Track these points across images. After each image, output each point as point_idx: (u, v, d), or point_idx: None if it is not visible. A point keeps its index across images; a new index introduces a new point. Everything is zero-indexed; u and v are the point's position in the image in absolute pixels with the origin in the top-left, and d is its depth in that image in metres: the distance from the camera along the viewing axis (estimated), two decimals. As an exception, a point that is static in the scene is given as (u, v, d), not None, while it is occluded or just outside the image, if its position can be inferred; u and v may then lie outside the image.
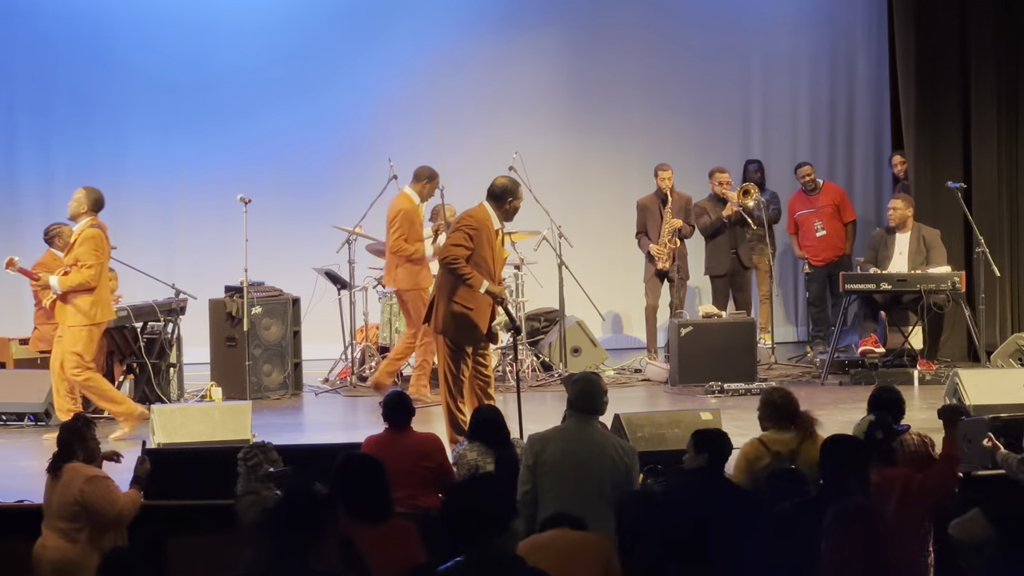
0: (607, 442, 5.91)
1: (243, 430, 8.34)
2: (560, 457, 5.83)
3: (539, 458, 5.87)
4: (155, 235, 13.17)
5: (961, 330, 11.77)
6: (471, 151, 13.34)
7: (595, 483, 5.77)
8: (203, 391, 10.67)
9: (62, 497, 6.33)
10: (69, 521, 6.31)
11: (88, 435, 6.50)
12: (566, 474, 5.77)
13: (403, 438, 6.86)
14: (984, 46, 12.20)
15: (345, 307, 11.75)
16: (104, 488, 6.36)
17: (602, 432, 6.02)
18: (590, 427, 5.94)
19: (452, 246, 8.17)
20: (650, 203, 12.06)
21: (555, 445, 5.89)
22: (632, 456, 5.91)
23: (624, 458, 5.85)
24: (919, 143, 12.31)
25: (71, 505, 6.30)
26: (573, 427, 5.95)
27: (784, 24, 14.21)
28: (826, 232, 12.70)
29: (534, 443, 5.96)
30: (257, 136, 13.47)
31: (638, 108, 14.01)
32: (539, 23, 13.93)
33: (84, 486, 6.30)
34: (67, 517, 6.32)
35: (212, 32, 13.41)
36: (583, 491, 5.74)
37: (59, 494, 6.35)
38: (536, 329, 12.24)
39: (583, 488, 5.75)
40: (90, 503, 6.28)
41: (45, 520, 6.42)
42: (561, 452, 5.85)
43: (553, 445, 5.89)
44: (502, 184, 8.38)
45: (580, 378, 6.17)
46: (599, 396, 6.02)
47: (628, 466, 5.84)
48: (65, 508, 6.32)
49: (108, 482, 6.43)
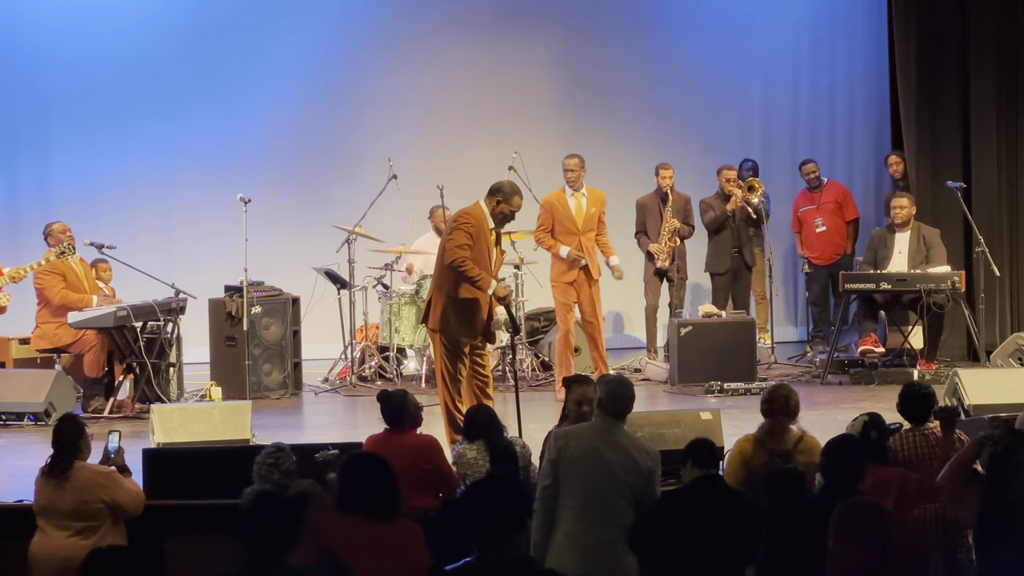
0: (631, 444, 5.90)
1: (243, 430, 8.34)
2: (583, 454, 5.82)
3: (562, 453, 5.85)
4: (155, 235, 13.16)
5: (961, 330, 11.77)
6: (471, 151, 13.33)
7: (616, 483, 5.76)
8: (203, 391, 10.67)
9: (79, 496, 6.39)
10: (86, 520, 6.38)
11: (86, 434, 6.59)
12: (588, 471, 5.76)
13: (401, 438, 6.86)
14: (984, 45, 12.19)
15: (345, 307, 11.75)
16: (123, 483, 6.53)
17: (627, 434, 6.00)
18: (616, 428, 5.93)
19: (456, 248, 8.14)
20: (650, 202, 12.06)
21: (580, 441, 5.88)
22: (655, 460, 5.90)
23: (647, 461, 5.84)
24: (919, 142, 12.31)
25: (93, 503, 6.38)
26: (599, 426, 5.94)
27: (784, 24, 14.21)
28: (826, 228, 12.70)
29: (559, 438, 5.94)
30: (257, 135, 13.47)
31: (638, 108, 14.01)
32: (539, 23, 13.93)
33: (105, 483, 6.43)
34: (85, 516, 6.39)
35: (212, 30, 13.40)
36: (604, 490, 5.73)
37: (73, 493, 6.40)
38: (536, 329, 12.23)
39: (604, 487, 5.73)
40: (117, 499, 6.43)
41: (48, 520, 6.44)
42: (585, 449, 5.83)
43: (577, 441, 5.88)
44: (498, 185, 8.39)
45: (612, 379, 6.16)
46: (628, 399, 6.01)
47: (651, 469, 5.83)
48: (84, 506, 6.39)
49: (120, 477, 6.57)
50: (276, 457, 6.47)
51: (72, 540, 6.35)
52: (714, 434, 7.55)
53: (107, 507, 6.42)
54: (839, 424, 7.35)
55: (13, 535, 6.79)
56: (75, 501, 6.39)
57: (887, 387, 10.63)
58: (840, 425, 7.11)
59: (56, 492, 6.43)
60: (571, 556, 5.62)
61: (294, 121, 13.58)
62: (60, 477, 6.42)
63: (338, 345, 11.87)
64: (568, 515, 5.74)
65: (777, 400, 6.61)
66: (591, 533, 5.72)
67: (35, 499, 6.58)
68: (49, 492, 6.46)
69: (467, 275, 8.10)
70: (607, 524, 5.72)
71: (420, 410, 7.04)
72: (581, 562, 5.62)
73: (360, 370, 11.47)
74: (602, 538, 5.71)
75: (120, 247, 10.81)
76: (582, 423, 6.22)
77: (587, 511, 5.74)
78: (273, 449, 6.49)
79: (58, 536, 6.39)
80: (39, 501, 6.52)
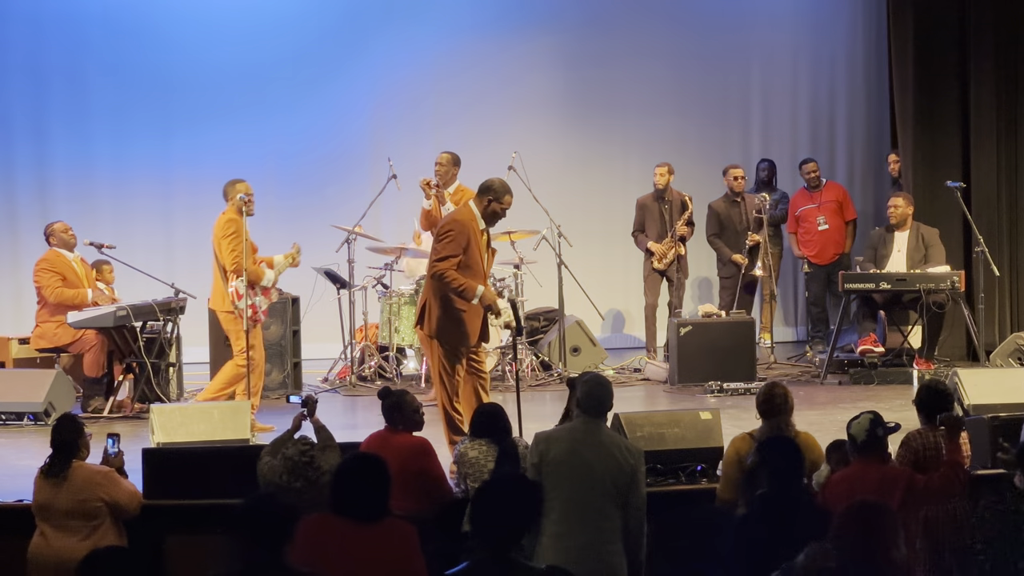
0: (613, 443, 5.90)
1: (242, 430, 8.32)
2: (565, 457, 5.82)
3: (544, 457, 5.86)
4: (155, 234, 13.16)
5: (960, 329, 11.77)
6: (471, 151, 13.30)
7: (599, 483, 5.76)
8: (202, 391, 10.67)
9: (78, 495, 6.41)
10: (85, 519, 6.41)
11: (85, 434, 6.63)
12: (571, 474, 5.75)
13: (394, 439, 6.84)
14: (983, 45, 12.19)
15: (344, 306, 11.75)
16: (122, 483, 6.57)
17: (609, 433, 6.00)
18: (597, 427, 5.93)
19: (437, 261, 8.05)
20: (648, 202, 12.08)
21: (560, 444, 5.88)
22: (638, 457, 5.89)
23: (629, 459, 5.84)
24: (917, 142, 12.31)
25: (92, 502, 6.42)
26: (579, 427, 5.94)
27: (784, 24, 14.22)
28: (828, 227, 12.72)
29: (539, 442, 5.95)
30: (257, 135, 13.48)
31: (638, 108, 14.01)
32: (539, 23, 13.93)
33: (103, 482, 6.47)
34: (84, 515, 6.41)
35: (212, 31, 13.41)
36: (587, 491, 5.73)
37: (72, 492, 6.42)
38: (536, 328, 12.24)
39: (587, 488, 5.74)
40: (116, 498, 6.47)
41: (47, 520, 6.44)
42: (567, 452, 5.84)
43: (558, 444, 5.88)
44: (488, 183, 8.26)
45: (589, 378, 6.15)
46: (606, 397, 6.00)
47: (633, 467, 5.83)
48: (83, 506, 6.41)
49: (119, 476, 6.60)
50: (311, 455, 6.51)
51: (71, 541, 6.36)
52: (714, 434, 7.56)
53: (106, 506, 6.45)
54: (839, 424, 7.34)
55: (13, 535, 6.79)
56: (74, 500, 6.41)
57: (887, 387, 10.64)
58: (840, 425, 7.10)
59: (54, 491, 6.44)
60: (556, 558, 5.59)
61: (293, 121, 13.58)
62: (59, 476, 6.44)
63: (338, 345, 11.87)
64: (553, 517, 5.73)
65: (776, 400, 6.62)
66: (577, 534, 5.72)
67: (33, 499, 6.59)
68: (47, 492, 6.47)
69: (451, 287, 8.02)
70: (592, 525, 5.71)
71: (419, 413, 6.98)
72: (566, 564, 5.60)
73: (360, 370, 11.47)
74: (588, 538, 5.70)
75: (120, 247, 10.80)
76: (564, 425, 6.23)
77: (571, 513, 5.73)
78: (306, 447, 6.54)
79: (56, 537, 6.40)
80: (37, 501, 6.53)
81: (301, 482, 6.52)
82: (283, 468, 6.53)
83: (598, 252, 13.35)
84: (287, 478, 6.52)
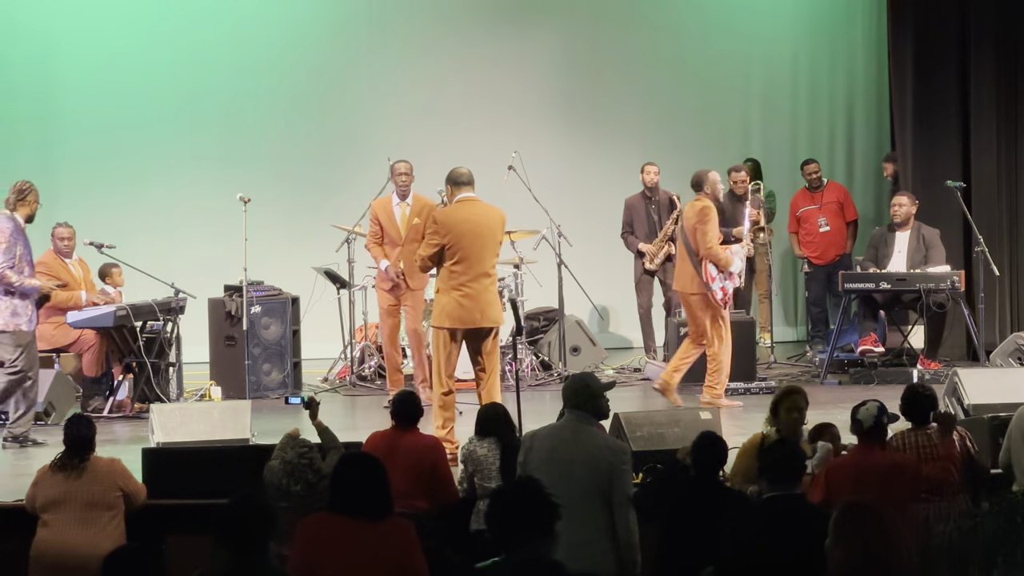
0: (593, 441, 5.90)
1: (242, 429, 8.33)
2: (546, 454, 5.87)
3: (528, 455, 5.92)
4: (154, 234, 13.16)
5: (960, 329, 11.77)
6: (471, 151, 13.32)
7: (580, 482, 5.76)
8: (202, 390, 10.68)
9: (99, 484, 6.52)
10: (104, 509, 6.51)
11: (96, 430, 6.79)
12: (552, 471, 5.76)
13: (405, 437, 6.85)
14: (983, 45, 12.19)
15: (344, 306, 11.75)
16: (131, 473, 6.74)
17: (592, 431, 5.99)
18: (582, 426, 5.94)
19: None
20: (636, 201, 12.12)
21: (543, 442, 5.94)
22: (618, 455, 5.87)
23: (608, 457, 5.83)
24: (917, 142, 12.30)
25: (112, 491, 6.55)
26: (566, 425, 5.99)
27: (784, 25, 14.22)
28: (830, 228, 12.72)
29: (525, 440, 6.05)
30: (257, 135, 13.48)
31: (638, 108, 14.02)
32: (539, 23, 13.94)
33: (121, 471, 6.64)
34: (104, 505, 6.51)
35: (213, 30, 13.41)
36: (569, 488, 5.70)
37: (92, 483, 6.52)
38: (535, 328, 12.25)
39: (568, 486, 5.70)
40: (131, 488, 6.65)
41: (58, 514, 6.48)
42: (548, 449, 5.89)
43: (541, 442, 5.95)
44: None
45: (576, 377, 6.20)
46: (587, 394, 6.00)
47: (612, 465, 5.80)
48: (104, 495, 6.52)
49: (126, 468, 6.77)
50: (310, 458, 6.52)
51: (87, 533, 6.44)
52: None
53: (123, 495, 6.59)
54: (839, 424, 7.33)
55: (13, 535, 6.79)
56: (95, 491, 6.52)
57: (887, 387, 10.62)
58: (840, 425, 7.12)
59: (70, 485, 6.53)
60: None
61: (293, 120, 13.58)
62: (77, 469, 6.54)
63: (338, 345, 11.87)
64: None
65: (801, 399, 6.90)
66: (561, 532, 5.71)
67: (38, 495, 6.59)
68: (61, 486, 6.54)
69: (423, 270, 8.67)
70: (577, 523, 5.66)
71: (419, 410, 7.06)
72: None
73: (360, 370, 11.47)
74: (573, 537, 5.68)
75: (120, 247, 10.80)
76: (552, 423, 6.25)
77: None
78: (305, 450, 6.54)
79: (72, 531, 6.46)
80: (47, 496, 6.55)
81: (301, 485, 6.52)
82: (283, 471, 6.53)
83: (598, 252, 13.34)
84: (287, 481, 6.52)
